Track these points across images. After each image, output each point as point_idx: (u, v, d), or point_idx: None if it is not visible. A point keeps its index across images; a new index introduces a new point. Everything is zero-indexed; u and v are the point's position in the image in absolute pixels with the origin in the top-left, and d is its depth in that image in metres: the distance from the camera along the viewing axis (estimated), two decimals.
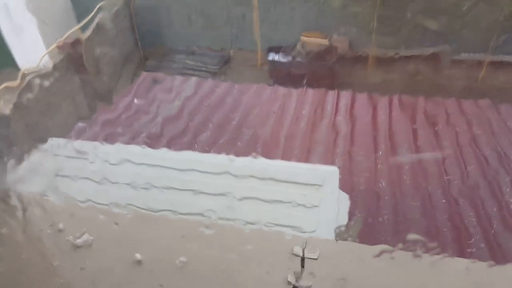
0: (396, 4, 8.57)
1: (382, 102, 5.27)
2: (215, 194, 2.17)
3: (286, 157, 4.13)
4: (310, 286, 1.12)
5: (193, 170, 2.31)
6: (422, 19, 8.75)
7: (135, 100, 5.43)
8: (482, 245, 3.20)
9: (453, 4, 8.35)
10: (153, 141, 4.56)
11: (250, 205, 2.11)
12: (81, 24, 6.57)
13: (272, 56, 9.76)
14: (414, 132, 4.67)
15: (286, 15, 10.16)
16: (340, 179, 2.33)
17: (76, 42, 6.10)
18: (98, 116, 5.23)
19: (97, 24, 6.86)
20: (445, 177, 3.95)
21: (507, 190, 3.78)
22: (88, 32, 6.51)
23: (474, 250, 3.13)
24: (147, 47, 10.96)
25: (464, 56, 9.01)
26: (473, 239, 3.28)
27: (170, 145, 4.47)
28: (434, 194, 3.69)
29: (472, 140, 4.50)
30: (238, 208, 2.07)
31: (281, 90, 5.62)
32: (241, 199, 2.14)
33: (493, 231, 3.33)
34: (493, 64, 8.48)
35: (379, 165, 4.08)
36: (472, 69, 8.67)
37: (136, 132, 4.79)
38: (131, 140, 4.60)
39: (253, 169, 2.33)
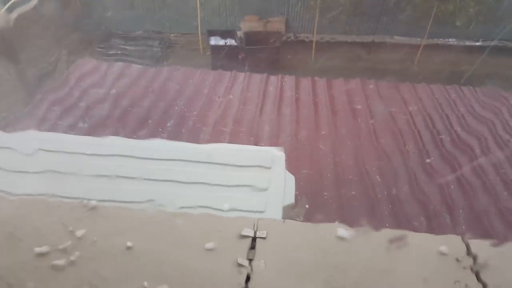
0: None
1: (324, 85, 5.42)
2: (158, 180, 2.07)
3: (233, 140, 4.10)
4: (259, 265, 1.11)
5: (132, 156, 2.17)
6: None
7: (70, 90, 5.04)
8: (422, 218, 3.43)
9: None
10: (93, 129, 4.28)
11: (197, 191, 2.04)
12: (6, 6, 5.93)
13: (214, 41, 9.58)
14: (354, 112, 4.86)
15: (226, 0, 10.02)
16: (286, 160, 2.35)
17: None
18: (30, 105, 4.79)
19: (27, 6, 6.23)
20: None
21: (433, 160, 4.10)
22: (14, 14, 5.90)
23: (417, 224, 3.35)
24: (87, 32, 10.25)
25: (400, 39, 9.56)
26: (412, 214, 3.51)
27: (112, 133, 4.22)
28: (370, 171, 3.89)
29: (410, 118, 4.79)
30: (184, 194, 2.00)
31: (225, 74, 5.54)
32: (187, 184, 2.07)
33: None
34: (428, 47, 9.08)
35: (321, 146, 4.20)
36: (409, 53, 9.23)
37: (69, 119, 4.46)
38: (66, 127, 4.28)
39: (199, 154, 2.27)
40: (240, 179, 2.14)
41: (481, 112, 4.95)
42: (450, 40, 9.78)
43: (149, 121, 4.52)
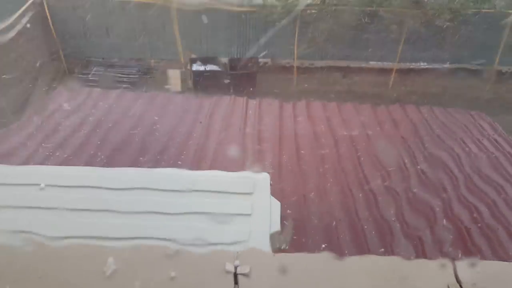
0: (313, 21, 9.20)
1: (304, 108, 5.48)
2: (130, 213, 1.95)
3: (215, 166, 4.05)
4: None
5: (107, 188, 2.07)
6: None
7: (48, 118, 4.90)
8: (403, 241, 3.41)
9: (360, 22, 9.23)
10: (68, 158, 4.14)
11: (176, 222, 1.95)
12: None
13: (196, 67, 9.68)
14: (334, 135, 4.91)
15: (206, 26, 10.20)
16: (271, 185, 2.31)
17: None
18: (6, 132, 4.62)
19: (3, 38, 6.15)
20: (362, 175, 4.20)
21: (413, 182, 4.16)
22: None
23: (399, 249, 3.33)
24: (66, 60, 10.17)
25: (374, 64, 9.95)
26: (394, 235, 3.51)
27: (88, 163, 4.10)
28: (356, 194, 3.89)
29: (385, 141, 4.88)
30: (163, 227, 1.89)
31: (207, 99, 5.54)
32: (166, 215, 1.97)
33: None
34: (400, 71, 9.51)
35: (304, 168, 4.20)
36: (383, 76, 9.59)
37: (46, 149, 4.31)
38: (41, 159, 4.13)
39: (179, 181, 2.20)
40: (223, 207, 2.08)
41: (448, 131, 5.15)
42: (421, 63, 10.25)
43: (128, 148, 4.42)
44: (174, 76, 9.97)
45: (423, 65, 10.02)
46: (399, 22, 9.11)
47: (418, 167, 4.40)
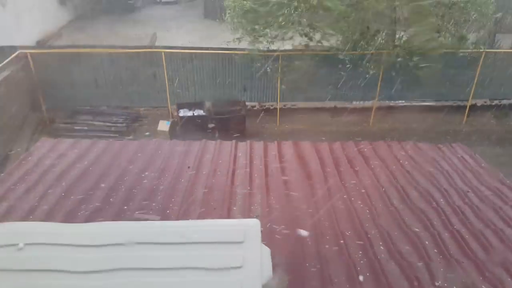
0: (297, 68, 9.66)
1: (292, 149, 5.54)
2: (106, 271, 1.82)
3: (204, 213, 3.98)
4: None
5: (90, 245, 1.94)
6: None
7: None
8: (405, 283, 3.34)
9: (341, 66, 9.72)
10: (50, 212, 4.02)
11: (164, 278, 1.83)
12: None
13: (183, 112, 9.82)
14: (325, 174, 4.94)
15: (193, 73, 10.50)
16: (261, 231, 2.25)
17: None
18: None
19: None
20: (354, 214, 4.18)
21: (408, 219, 4.15)
22: None
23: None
24: (51, 110, 10.17)
25: (357, 104, 10.32)
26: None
27: (71, 216, 3.99)
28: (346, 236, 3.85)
29: (374, 177, 4.92)
30: (150, 284, 1.78)
31: (195, 144, 5.55)
32: (153, 271, 1.86)
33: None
34: (379, 109, 9.90)
35: (296, 212, 4.16)
36: (364, 115, 9.92)
37: (27, 203, 4.19)
38: (23, 213, 4.00)
39: (165, 235, 2.10)
40: (214, 259, 1.99)
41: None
42: (400, 102, 10.71)
43: (111, 200, 4.31)
44: (162, 123, 10.06)
45: (401, 103, 10.46)
46: (378, 63, 9.59)
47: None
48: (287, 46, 9.56)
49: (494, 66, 10.92)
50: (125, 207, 4.19)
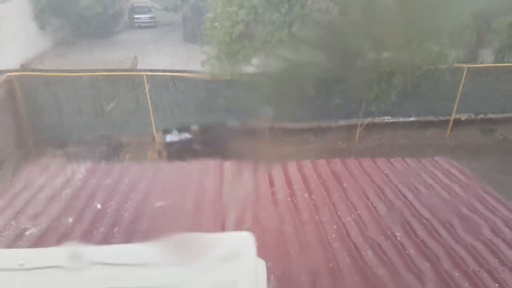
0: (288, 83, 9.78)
1: (279, 169, 5.52)
2: None
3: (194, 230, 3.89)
4: None
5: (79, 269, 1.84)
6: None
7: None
8: None
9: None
10: (39, 238, 3.88)
11: None
12: None
13: (170, 138, 9.75)
14: (308, 190, 4.92)
15: (176, 98, 10.49)
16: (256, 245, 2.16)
17: None
18: None
19: None
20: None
21: (398, 234, 4.13)
22: None
23: None
24: (32, 142, 9.99)
25: (344, 122, 10.43)
26: None
27: (60, 241, 3.85)
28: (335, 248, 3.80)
29: (362, 194, 4.91)
30: None
31: (181, 166, 5.51)
32: None
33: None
34: (365, 126, 10.01)
35: (286, 227, 4.12)
36: (350, 133, 10.03)
37: (14, 229, 4.05)
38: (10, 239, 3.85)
39: (149, 256, 1.98)
40: (208, 275, 1.88)
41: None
42: (385, 117, 10.85)
43: (98, 224, 4.20)
44: (150, 151, 9.96)
45: (387, 119, 10.62)
46: (362, 82, 9.77)
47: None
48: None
49: (476, 81, 11.21)
50: (112, 230, 4.08)
